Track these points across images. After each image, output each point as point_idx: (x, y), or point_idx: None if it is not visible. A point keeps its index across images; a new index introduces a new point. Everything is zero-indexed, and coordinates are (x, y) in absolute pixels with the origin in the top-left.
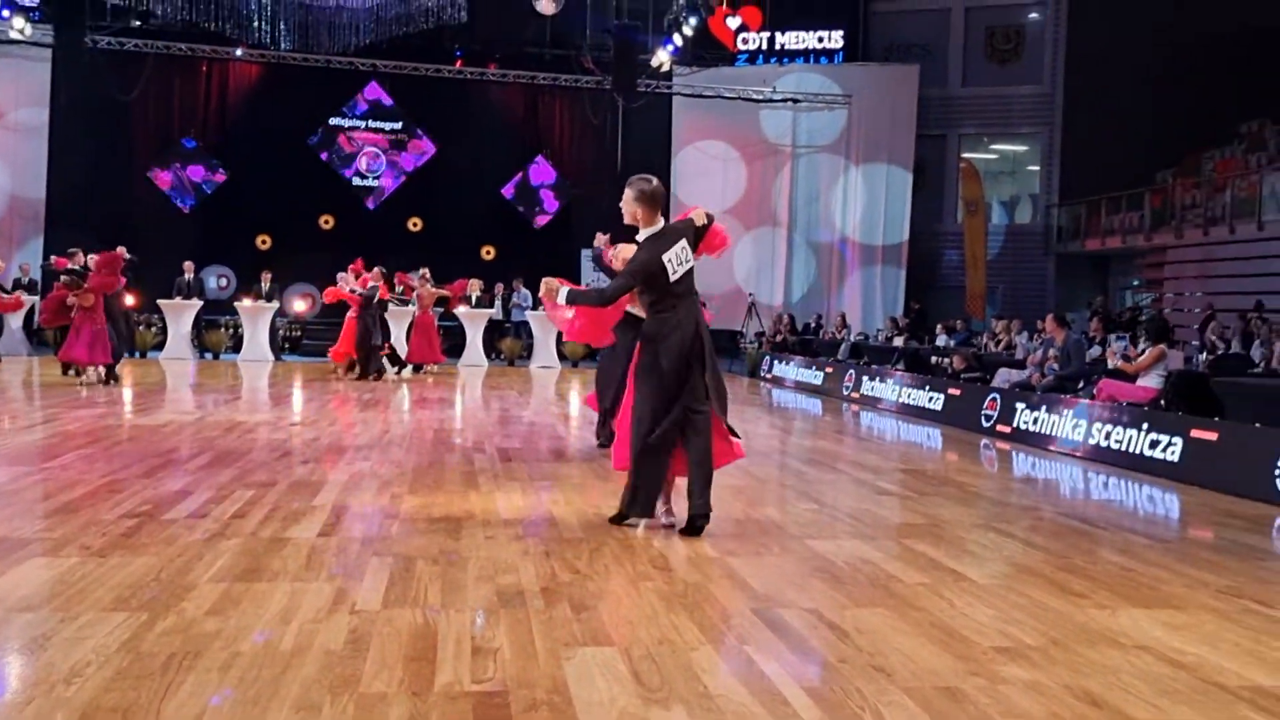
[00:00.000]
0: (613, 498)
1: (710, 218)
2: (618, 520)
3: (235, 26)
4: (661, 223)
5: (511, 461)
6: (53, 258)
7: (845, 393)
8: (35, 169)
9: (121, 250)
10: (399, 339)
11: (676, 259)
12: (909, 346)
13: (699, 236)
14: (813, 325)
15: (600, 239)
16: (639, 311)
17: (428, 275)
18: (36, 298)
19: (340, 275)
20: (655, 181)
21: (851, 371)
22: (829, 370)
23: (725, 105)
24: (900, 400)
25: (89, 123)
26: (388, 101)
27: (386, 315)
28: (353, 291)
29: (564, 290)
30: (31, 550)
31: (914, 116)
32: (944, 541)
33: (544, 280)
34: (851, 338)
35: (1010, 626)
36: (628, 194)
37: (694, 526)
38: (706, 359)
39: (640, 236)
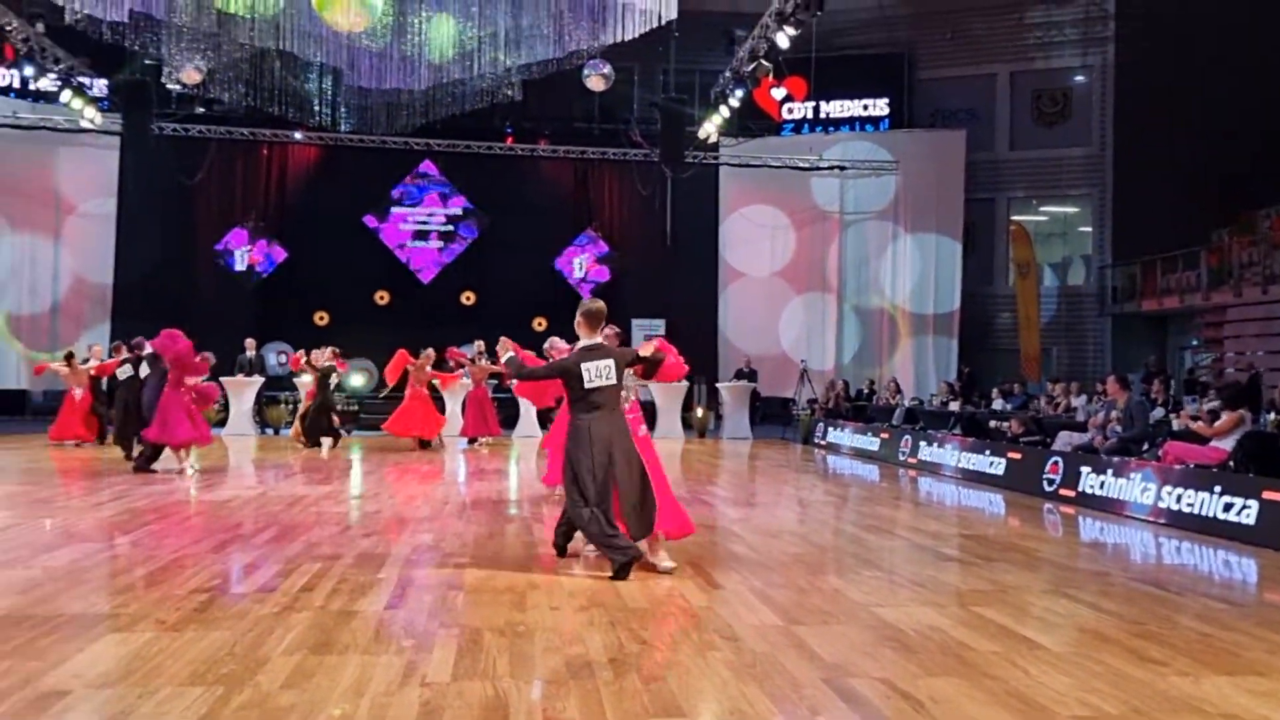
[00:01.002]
0: (676, 566)
1: (659, 355)
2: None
3: (296, 110)
4: (598, 339)
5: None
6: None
7: (902, 458)
8: (103, 255)
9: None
10: (454, 413)
11: (596, 371)
12: (965, 411)
13: (637, 363)
14: (865, 391)
15: (504, 342)
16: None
17: (483, 349)
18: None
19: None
20: (598, 304)
21: (907, 437)
22: (884, 436)
23: (772, 173)
24: (959, 465)
25: (154, 207)
26: (441, 179)
27: (444, 391)
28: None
29: (509, 354)
30: (107, 626)
31: (962, 181)
32: (1013, 608)
33: (502, 339)
34: (906, 403)
35: (1089, 695)
36: (578, 313)
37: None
38: (618, 473)
39: (578, 345)
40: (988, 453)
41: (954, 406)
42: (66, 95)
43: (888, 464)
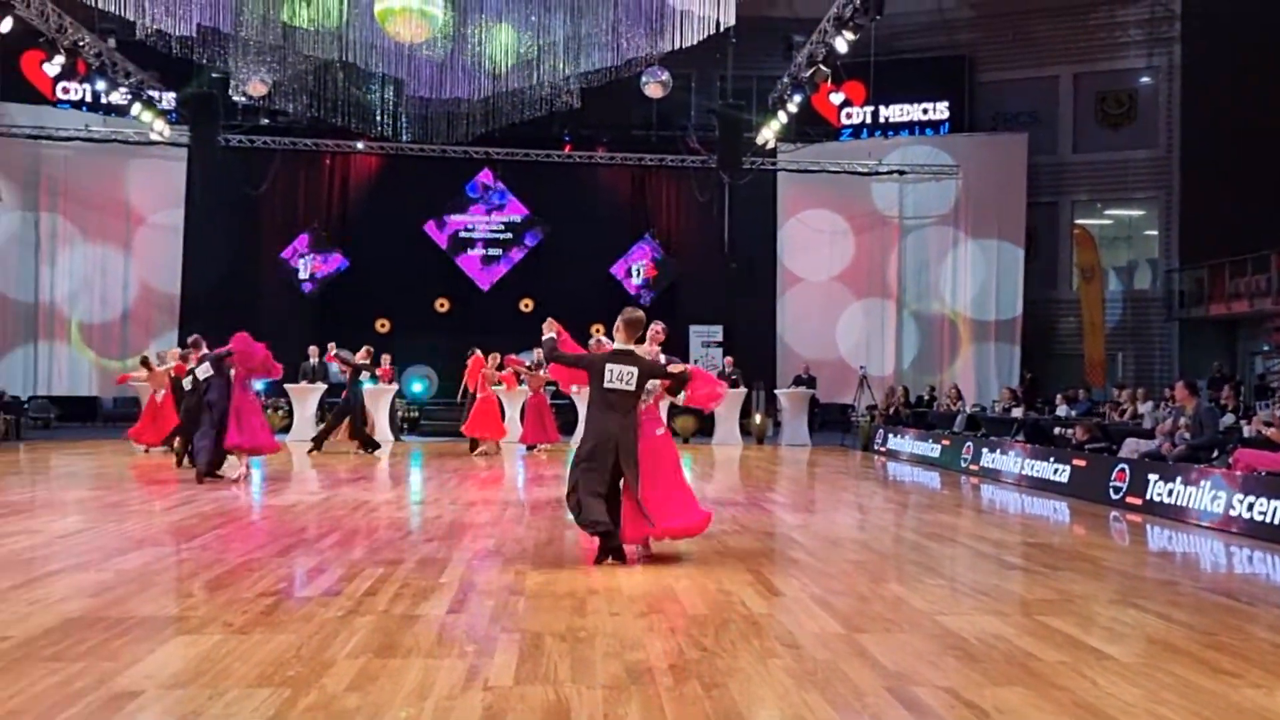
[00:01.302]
0: (735, 573)
1: (686, 374)
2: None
3: (359, 121)
4: (632, 345)
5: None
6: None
7: (963, 465)
8: (171, 264)
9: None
10: (513, 419)
11: (617, 375)
12: (1028, 417)
13: (664, 378)
14: (926, 397)
15: (550, 322)
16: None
17: (541, 358)
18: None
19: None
20: (638, 313)
21: (969, 443)
22: (945, 443)
23: (831, 178)
24: (1022, 472)
25: (220, 216)
26: (500, 187)
27: (505, 394)
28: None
29: (549, 335)
30: (177, 628)
31: (1024, 184)
32: (1079, 617)
33: (549, 320)
34: (967, 409)
35: (1160, 707)
36: (618, 318)
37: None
38: (621, 463)
39: (613, 346)
40: (1052, 460)
41: (1017, 413)
42: (136, 108)
43: (949, 471)
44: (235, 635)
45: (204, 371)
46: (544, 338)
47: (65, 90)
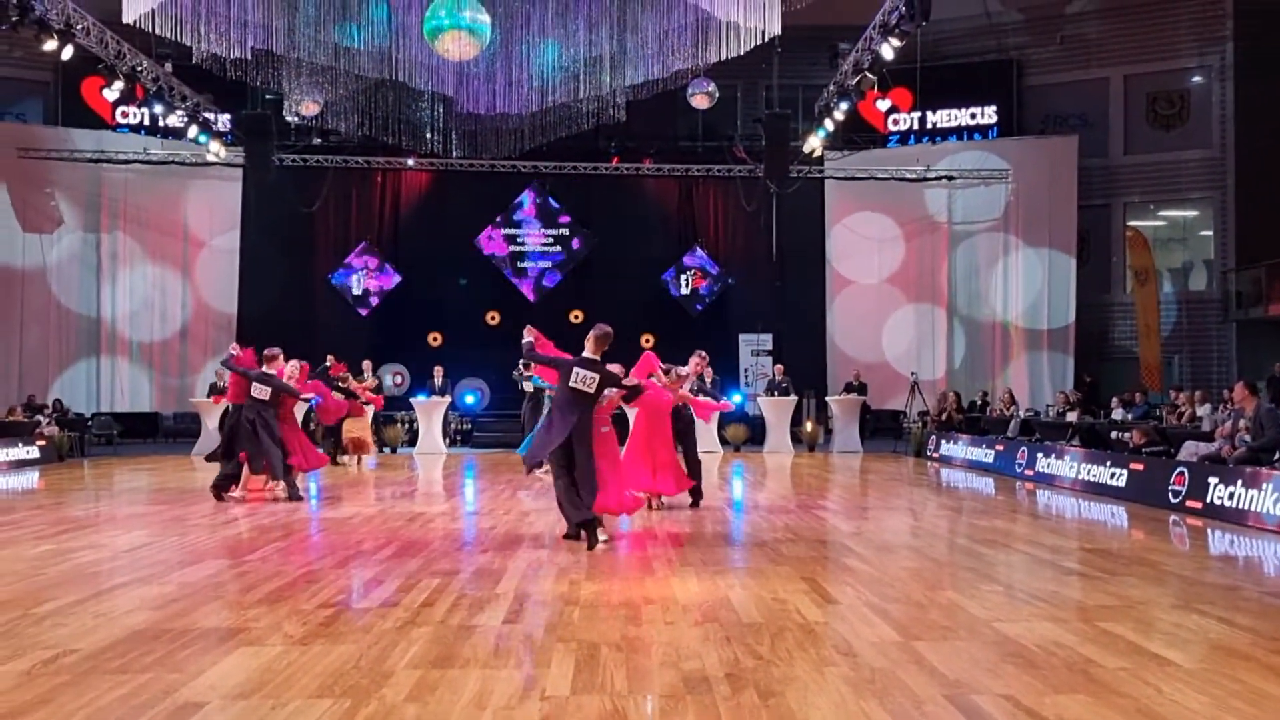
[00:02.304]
0: (789, 581)
1: (640, 388)
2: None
3: (410, 138)
4: (598, 356)
5: (684, 547)
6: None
7: (1018, 471)
8: (228, 285)
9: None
10: None
11: (581, 378)
12: (1084, 422)
13: (620, 387)
14: (979, 402)
15: (529, 329)
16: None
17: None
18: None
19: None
20: (607, 329)
21: (1024, 448)
22: (999, 448)
23: (880, 184)
24: (1078, 477)
25: (275, 234)
26: (549, 200)
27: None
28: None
29: (528, 339)
30: (239, 640)
31: (1075, 187)
32: (1140, 623)
33: (528, 326)
34: (1021, 414)
35: (1226, 714)
36: (590, 333)
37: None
38: (576, 451)
39: (582, 354)
40: (1109, 464)
41: (1072, 417)
42: (193, 131)
43: (1003, 476)
44: (296, 646)
45: (263, 392)
46: (524, 341)
47: (124, 114)
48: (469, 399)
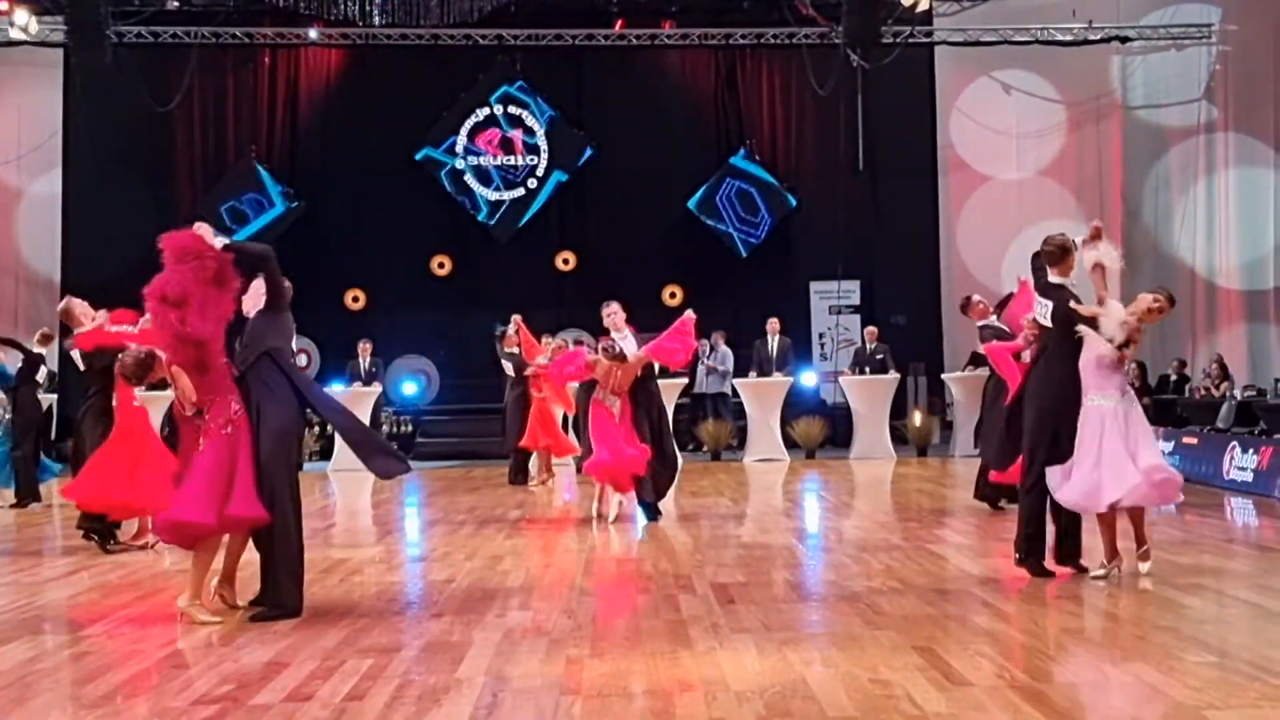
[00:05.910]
0: (895, 653)
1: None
2: None
3: (307, 1)
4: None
5: (735, 604)
6: None
7: (1225, 478)
8: (48, 232)
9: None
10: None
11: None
12: None
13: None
14: (1174, 376)
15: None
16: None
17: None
18: None
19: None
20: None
21: (1235, 444)
22: (1192, 441)
23: (1014, 51)
24: None
25: (113, 146)
26: (521, 88)
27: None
28: None
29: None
30: None
31: None
32: None
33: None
34: (1238, 395)
35: None
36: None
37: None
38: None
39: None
40: None
41: None
42: None
43: (1210, 487)
44: None
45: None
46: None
47: None
48: (408, 388)
